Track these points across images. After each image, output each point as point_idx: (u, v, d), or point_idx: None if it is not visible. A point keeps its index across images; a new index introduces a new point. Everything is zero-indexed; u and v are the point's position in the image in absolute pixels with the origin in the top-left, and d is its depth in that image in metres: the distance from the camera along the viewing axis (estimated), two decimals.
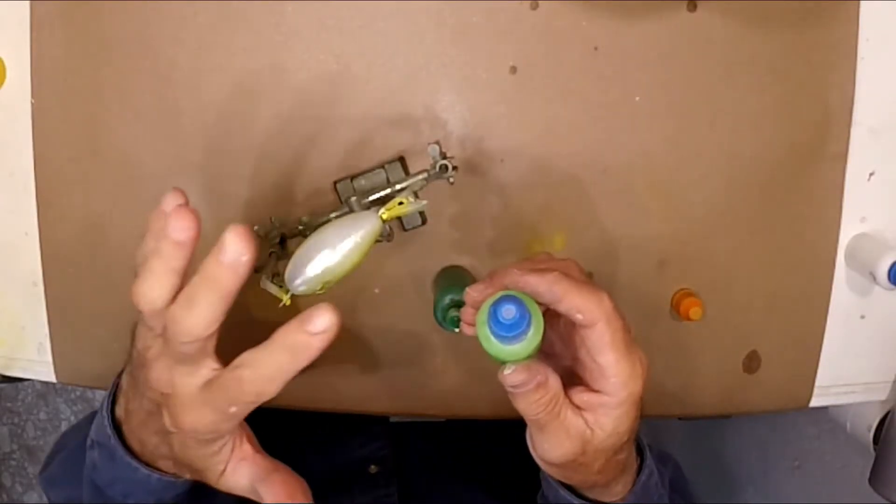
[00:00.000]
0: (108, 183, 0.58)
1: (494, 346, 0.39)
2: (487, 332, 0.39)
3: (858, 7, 0.55)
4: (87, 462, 0.48)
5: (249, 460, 0.42)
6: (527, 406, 0.40)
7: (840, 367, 0.62)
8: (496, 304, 0.38)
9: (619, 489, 0.47)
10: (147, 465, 0.44)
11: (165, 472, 0.44)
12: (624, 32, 0.55)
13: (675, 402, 0.62)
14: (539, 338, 0.39)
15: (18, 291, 0.62)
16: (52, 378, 0.64)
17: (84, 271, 0.60)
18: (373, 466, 0.69)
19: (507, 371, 0.40)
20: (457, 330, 0.52)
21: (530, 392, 0.40)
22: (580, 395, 0.41)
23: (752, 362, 0.61)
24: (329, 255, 0.45)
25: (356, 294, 0.59)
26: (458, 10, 0.54)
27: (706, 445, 1.19)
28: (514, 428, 0.65)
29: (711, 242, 0.59)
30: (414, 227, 0.57)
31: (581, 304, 0.39)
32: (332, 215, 0.50)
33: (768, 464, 1.04)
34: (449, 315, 0.52)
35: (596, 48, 0.55)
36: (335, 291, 0.47)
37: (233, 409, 0.38)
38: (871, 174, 0.59)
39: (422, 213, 0.56)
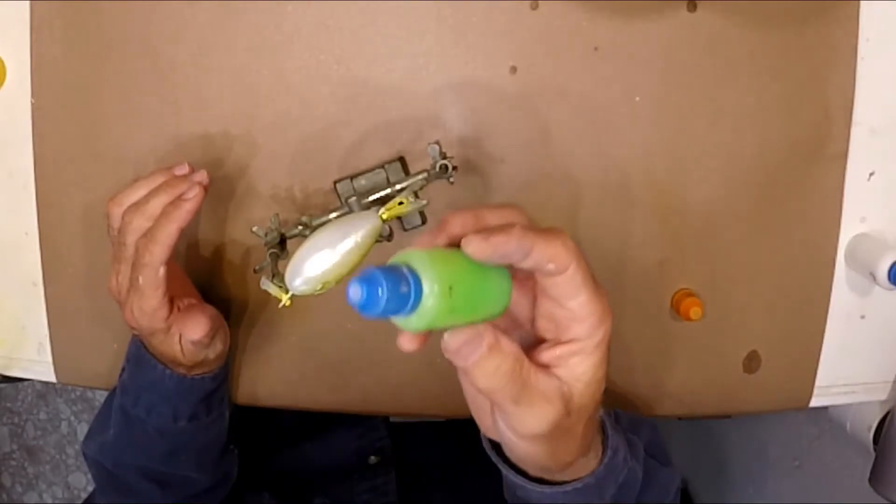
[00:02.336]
0: (108, 183, 0.58)
1: (398, 321, 0.33)
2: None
3: (858, 7, 0.55)
4: (118, 391, 0.57)
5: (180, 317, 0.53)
6: (489, 380, 0.35)
7: (840, 367, 0.62)
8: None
9: (585, 464, 0.43)
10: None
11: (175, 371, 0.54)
12: (624, 32, 0.55)
13: (675, 402, 0.62)
14: (444, 302, 0.32)
15: (18, 291, 0.62)
16: (52, 378, 0.64)
17: (84, 271, 0.60)
18: (372, 457, 0.70)
19: (445, 336, 0.35)
20: None
21: (485, 360, 0.35)
22: (547, 353, 0.37)
23: (752, 362, 0.61)
24: (329, 255, 0.45)
25: None
26: (458, 10, 0.54)
27: (706, 445, 1.19)
28: None
29: (711, 242, 0.59)
30: (414, 227, 0.57)
31: (552, 253, 0.35)
32: (332, 215, 0.50)
33: (768, 464, 1.04)
34: None
35: (596, 48, 0.55)
36: (335, 291, 0.47)
37: (141, 280, 0.49)
38: (871, 174, 0.59)
39: (422, 213, 0.56)
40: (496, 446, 0.45)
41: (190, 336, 0.51)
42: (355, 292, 0.31)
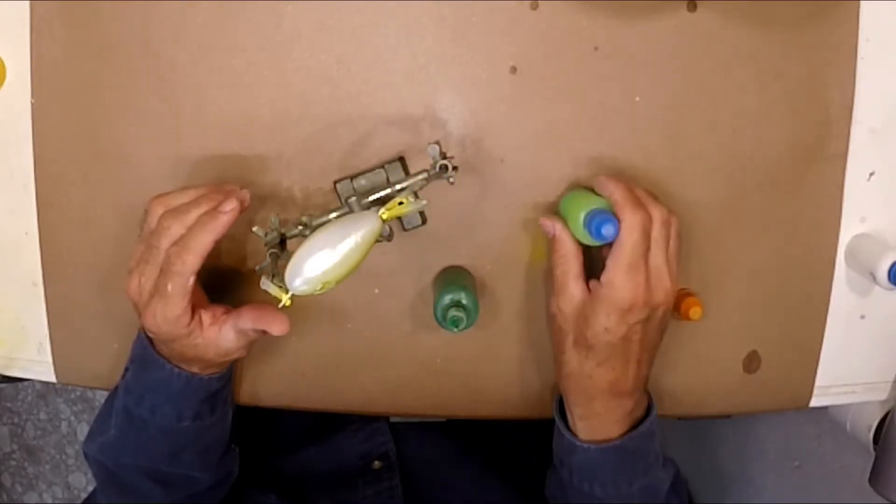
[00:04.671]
0: (108, 183, 0.58)
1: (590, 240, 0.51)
2: (584, 231, 0.50)
3: (858, 7, 0.55)
4: (119, 391, 0.57)
5: (220, 322, 0.52)
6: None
7: (840, 367, 0.62)
8: (601, 222, 0.48)
9: (626, 422, 0.54)
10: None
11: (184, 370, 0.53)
12: (624, 32, 0.55)
13: (675, 402, 0.62)
14: None
15: (18, 291, 0.62)
16: (52, 378, 0.64)
17: (84, 271, 0.60)
18: (376, 462, 0.70)
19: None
20: (456, 330, 0.52)
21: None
22: None
23: (752, 362, 0.61)
24: (329, 255, 0.45)
25: (356, 294, 0.59)
26: (458, 10, 0.54)
27: (706, 445, 1.19)
28: (514, 426, 0.65)
29: (711, 242, 0.59)
30: (414, 227, 0.57)
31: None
32: (332, 215, 0.50)
33: (768, 464, 1.04)
34: (449, 315, 0.52)
35: (596, 48, 0.55)
36: (336, 291, 0.47)
37: (170, 287, 0.48)
38: (871, 174, 0.59)
39: (422, 213, 0.56)
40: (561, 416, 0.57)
41: (278, 332, 0.51)
42: (609, 230, 0.48)
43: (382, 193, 0.50)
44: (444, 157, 0.49)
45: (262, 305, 0.52)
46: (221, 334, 0.52)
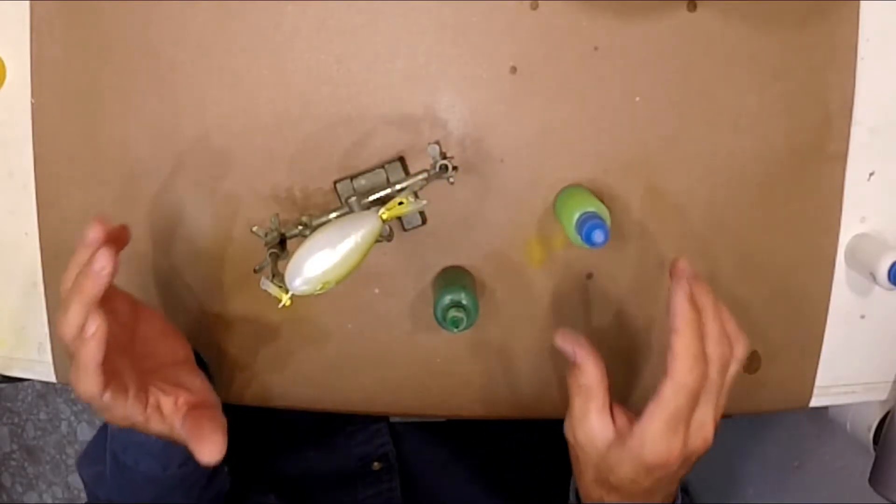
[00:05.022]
0: (108, 183, 0.58)
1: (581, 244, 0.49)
2: (577, 236, 0.49)
3: (858, 7, 0.55)
4: (109, 433, 0.56)
5: (179, 412, 0.48)
6: None
7: (840, 367, 0.62)
8: (592, 227, 0.48)
9: None
10: None
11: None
12: (624, 32, 0.55)
13: None
14: None
15: (18, 291, 0.62)
16: (52, 378, 0.64)
17: None
18: (376, 463, 0.70)
19: None
20: (456, 330, 0.52)
21: None
22: None
23: (752, 362, 0.61)
24: (329, 255, 0.45)
25: (356, 294, 0.59)
26: (458, 10, 0.54)
27: None
28: (514, 426, 0.65)
29: (711, 243, 0.59)
30: (414, 227, 0.57)
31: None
32: (332, 215, 0.50)
33: (768, 464, 1.04)
34: (449, 315, 0.52)
35: (596, 48, 0.55)
36: (336, 291, 0.47)
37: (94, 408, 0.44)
38: (871, 174, 0.59)
39: (422, 213, 0.56)
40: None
41: (206, 461, 0.45)
42: (600, 237, 0.48)
43: (382, 193, 0.50)
44: (444, 157, 0.49)
45: (200, 422, 0.47)
46: (180, 427, 0.48)
